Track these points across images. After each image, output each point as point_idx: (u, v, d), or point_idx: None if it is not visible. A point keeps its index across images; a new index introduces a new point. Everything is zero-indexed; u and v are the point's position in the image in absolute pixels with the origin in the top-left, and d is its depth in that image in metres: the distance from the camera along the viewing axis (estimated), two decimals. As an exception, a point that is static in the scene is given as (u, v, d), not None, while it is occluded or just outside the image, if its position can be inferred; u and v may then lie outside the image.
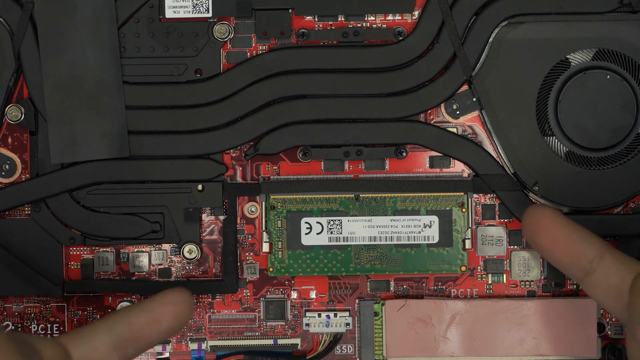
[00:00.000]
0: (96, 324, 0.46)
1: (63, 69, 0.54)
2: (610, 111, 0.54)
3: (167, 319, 0.46)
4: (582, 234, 0.48)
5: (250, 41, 0.55)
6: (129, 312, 0.46)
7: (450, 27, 0.54)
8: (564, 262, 0.48)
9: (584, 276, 0.48)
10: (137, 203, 0.55)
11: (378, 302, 0.56)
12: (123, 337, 0.45)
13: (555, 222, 0.48)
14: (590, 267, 0.47)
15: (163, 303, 0.46)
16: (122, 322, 0.46)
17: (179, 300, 0.46)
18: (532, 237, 0.49)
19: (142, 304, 0.46)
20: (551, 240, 0.48)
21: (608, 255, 0.47)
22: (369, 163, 0.56)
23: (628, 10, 0.54)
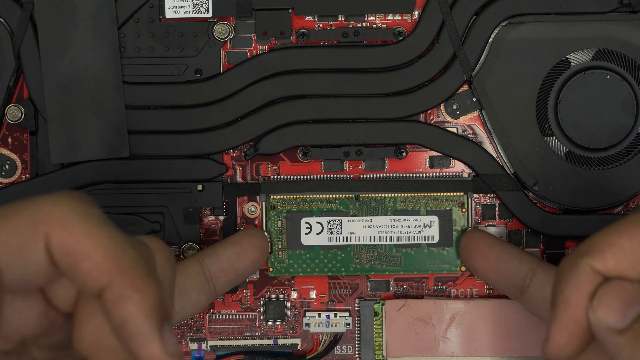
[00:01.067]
0: (187, 260, 0.48)
1: (63, 69, 0.54)
2: (610, 111, 0.54)
3: (252, 250, 0.50)
4: (513, 253, 0.50)
5: (250, 41, 0.55)
6: (216, 247, 0.49)
7: (450, 27, 0.54)
8: (499, 281, 0.50)
9: (520, 293, 0.49)
10: (137, 203, 0.55)
11: (378, 302, 0.56)
12: (213, 268, 0.48)
13: (486, 244, 0.51)
14: (524, 283, 0.49)
15: (247, 236, 0.50)
16: (211, 255, 0.49)
17: (260, 234, 0.51)
18: (467, 260, 0.52)
19: (227, 239, 0.50)
20: (484, 262, 0.51)
21: (540, 269, 0.49)
22: (369, 163, 0.56)
23: (628, 10, 0.54)
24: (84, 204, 0.35)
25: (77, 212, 0.35)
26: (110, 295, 0.34)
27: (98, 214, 0.35)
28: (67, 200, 0.35)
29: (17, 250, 0.34)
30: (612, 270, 0.40)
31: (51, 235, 0.34)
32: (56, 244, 0.34)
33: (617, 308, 0.39)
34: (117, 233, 0.35)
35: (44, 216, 0.34)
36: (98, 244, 0.35)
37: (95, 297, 0.35)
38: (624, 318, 0.38)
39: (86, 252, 0.34)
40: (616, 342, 0.38)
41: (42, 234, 0.34)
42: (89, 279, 0.34)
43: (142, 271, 0.35)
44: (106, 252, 0.35)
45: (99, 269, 0.34)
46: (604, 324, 0.39)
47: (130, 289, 0.34)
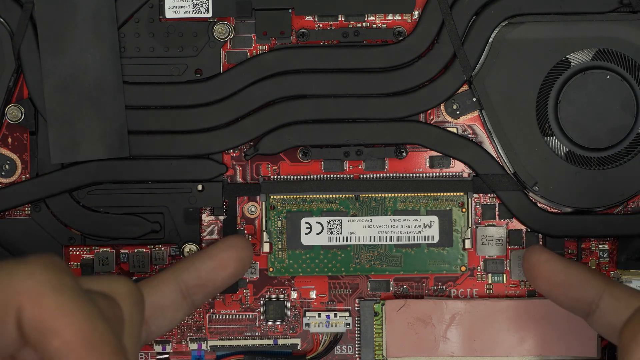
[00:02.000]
0: (162, 274, 0.47)
1: (63, 69, 0.54)
2: (610, 111, 0.54)
3: (231, 264, 0.47)
4: (580, 276, 0.48)
5: (250, 41, 0.55)
6: (193, 261, 0.47)
7: (450, 27, 0.54)
8: (565, 304, 0.49)
9: (587, 316, 0.48)
10: (137, 203, 0.55)
11: (378, 302, 0.56)
12: (190, 284, 0.46)
13: (552, 268, 0.48)
14: (591, 309, 0.47)
15: (226, 248, 0.47)
16: (188, 270, 0.47)
17: (241, 244, 0.48)
18: (532, 281, 0.49)
19: (205, 251, 0.47)
20: (549, 286, 0.48)
21: (607, 294, 0.47)
22: (369, 163, 0.56)
23: (628, 10, 0.54)
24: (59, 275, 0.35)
25: (50, 285, 0.34)
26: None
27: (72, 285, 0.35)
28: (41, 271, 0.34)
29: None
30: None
31: (23, 309, 0.34)
32: (27, 319, 0.34)
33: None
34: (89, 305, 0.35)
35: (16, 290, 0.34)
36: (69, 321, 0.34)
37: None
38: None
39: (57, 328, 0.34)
40: None
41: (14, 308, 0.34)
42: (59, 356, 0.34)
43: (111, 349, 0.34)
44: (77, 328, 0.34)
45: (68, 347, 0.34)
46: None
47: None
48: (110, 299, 0.37)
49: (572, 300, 0.48)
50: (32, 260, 0.35)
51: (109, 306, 0.37)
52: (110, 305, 0.37)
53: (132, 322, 0.38)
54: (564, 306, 0.49)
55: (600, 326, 0.47)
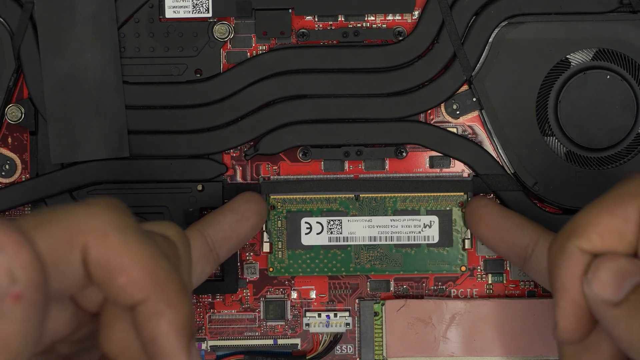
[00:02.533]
0: (189, 230, 0.49)
1: (63, 69, 0.54)
2: (610, 111, 0.54)
3: (252, 215, 0.51)
4: (517, 222, 0.50)
5: (250, 41, 0.55)
6: (215, 216, 0.50)
7: (450, 27, 0.54)
8: (502, 250, 0.51)
9: (523, 263, 0.50)
10: (137, 203, 0.55)
11: (378, 302, 0.56)
12: (215, 237, 0.49)
13: (490, 213, 0.51)
14: (526, 253, 0.50)
15: (245, 202, 0.51)
16: (212, 224, 0.49)
17: (257, 198, 0.52)
18: (472, 227, 0.52)
19: (225, 206, 0.51)
20: (487, 231, 0.51)
21: (542, 240, 0.49)
22: (369, 163, 0.56)
23: (628, 10, 0.54)
24: (122, 216, 0.35)
25: (115, 225, 0.35)
26: (143, 311, 0.35)
27: (134, 226, 0.35)
28: (105, 212, 0.35)
29: (54, 261, 0.34)
30: (599, 248, 0.40)
31: (88, 248, 0.34)
32: (93, 257, 0.34)
33: (611, 281, 0.39)
34: (153, 244, 0.35)
35: (82, 228, 0.34)
36: (135, 259, 0.35)
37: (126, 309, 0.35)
38: (619, 291, 0.39)
39: (123, 266, 0.34)
40: (612, 315, 0.39)
41: (79, 247, 0.34)
42: (124, 293, 0.35)
43: (177, 287, 0.35)
44: (142, 267, 0.35)
45: (134, 284, 0.35)
46: (599, 298, 0.39)
47: (164, 305, 0.35)
48: (167, 239, 0.38)
49: (509, 244, 0.50)
50: (96, 202, 0.35)
51: (168, 246, 0.38)
52: (169, 244, 0.38)
53: (185, 261, 0.39)
54: (501, 252, 0.51)
55: (535, 272, 0.49)
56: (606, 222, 0.40)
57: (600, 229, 0.40)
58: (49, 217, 0.35)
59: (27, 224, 0.34)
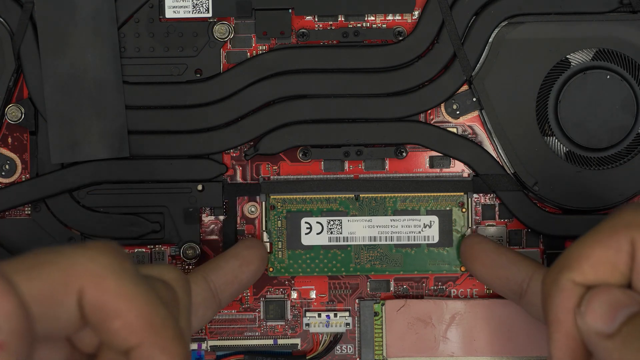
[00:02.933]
0: (191, 274, 0.49)
1: (63, 69, 0.54)
2: (610, 111, 0.54)
3: (254, 261, 0.51)
4: (511, 258, 0.51)
5: (250, 41, 0.55)
6: (218, 261, 0.50)
7: (450, 27, 0.54)
8: (497, 286, 0.51)
9: (519, 298, 0.50)
10: (137, 203, 0.55)
11: (378, 302, 0.56)
12: (218, 282, 0.49)
13: (483, 251, 0.51)
14: (522, 289, 0.50)
15: (247, 247, 0.51)
16: (214, 270, 0.50)
17: (259, 243, 0.53)
18: (467, 264, 0.53)
19: (228, 252, 0.51)
20: (482, 268, 0.51)
21: (536, 275, 0.49)
22: (369, 163, 0.56)
23: (628, 10, 0.54)
24: (119, 260, 0.35)
25: (112, 269, 0.35)
26: (138, 356, 0.35)
27: (132, 270, 0.36)
28: (102, 255, 0.35)
29: (50, 303, 0.34)
30: (592, 280, 0.40)
31: (84, 291, 0.35)
32: (89, 300, 0.35)
33: (604, 313, 0.39)
34: (150, 289, 0.36)
35: (79, 271, 0.35)
36: (131, 303, 0.35)
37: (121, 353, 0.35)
38: (612, 322, 0.39)
39: (118, 311, 0.35)
40: (605, 347, 0.39)
41: (76, 289, 0.35)
42: (119, 337, 0.35)
43: (172, 333, 0.35)
44: (138, 312, 0.35)
45: (129, 329, 0.35)
46: (592, 330, 0.39)
47: (159, 351, 0.35)
48: (166, 283, 0.38)
49: (504, 280, 0.50)
50: (93, 245, 0.36)
51: (167, 290, 0.38)
52: (167, 289, 0.38)
53: (184, 306, 0.39)
54: (496, 288, 0.51)
55: (531, 306, 0.49)
56: (599, 254, 0.40)
57: (592, 261, 0.40)
58: (46, 259, 0.35)
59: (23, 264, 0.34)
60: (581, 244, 0.41)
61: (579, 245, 0.41)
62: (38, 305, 0.33)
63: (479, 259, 0.51)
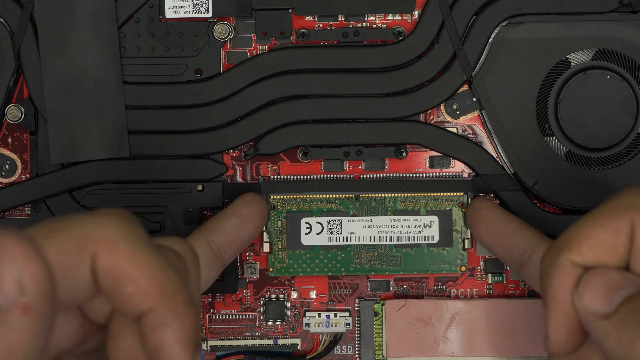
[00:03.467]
0: (192, 237, 0.49)
1: (63, 69, 0.54)
2: (610, 111, 0.54)
3: (254, 217, 0.51)
4: (516, 227, 0.51)
5: (250, 41, 0.55)
6: (218, 221, 0.50)
7: (450, 27, 0.54)
8: (500, 253, 0.51)
9: (519, 267, 0.50)
10: (137, 203, 0.55)
11: (378, 302, 0.56)
12: (220, 242, 0.50)
13: (491, 216, 0.52)
14: (523, 259, 0.50)
15: (246, 204, 0.51)
16: (215, 230, 0.50)
17: (258, 199, 0.52)
18: (472, 228, 0.53)
19: (226, 210, 0.51)
20: (487, 233, 0.52)
21: (539, 247, 0.50)
22: (369, 163, 0.56)
23: (628, 10, 0.54)
24: (131, 226, 0.36)
25: (124, 235, 0.35)
26: (150, 321, 0.35)
27: (144, 237, 0.36)
28: (114, 222, 0.35)
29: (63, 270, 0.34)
30: (591, 261, 0.40)
31: (97, 257, 0.35)
32: (102, 266, 0.35)
33: (601, 293, 0.39)
34: (161, 256, 0.36)
35: (92, 238, 0.35)
36: (143, 269, 0.35)
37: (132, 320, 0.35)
38: (609, 303, 0.39)
39: (131, 276, 0.35)
40: (602, 327, 0.39)
41: (89, 256, 0.35)
42: (131, 303, 0.35)
43: (184, 298, 0.35)
44: (151, 277, 0.35)
45: (142, 294, 0.35)
46: (590, 310, 0.39)
47: (171, 316, 0.35)
48: (177, 253, 0.38)
49: (507, 248, 0.51)
50: (106, 212, 0.36)
51: (177, 259, 0.38)
52: (178, 258, 0.38)
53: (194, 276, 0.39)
54: (499, 255, 0.52)
55: (531, 277, 0.50)
56: (598, 235, 0.40)
57: (592, 242, 0.40)
58: (59, 226, 0.35)
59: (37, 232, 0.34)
60: (581, 225, 0.41)
61: (578, 226, 0.41)
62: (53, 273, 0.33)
63: (484, 224, 0.52)
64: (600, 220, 0.40)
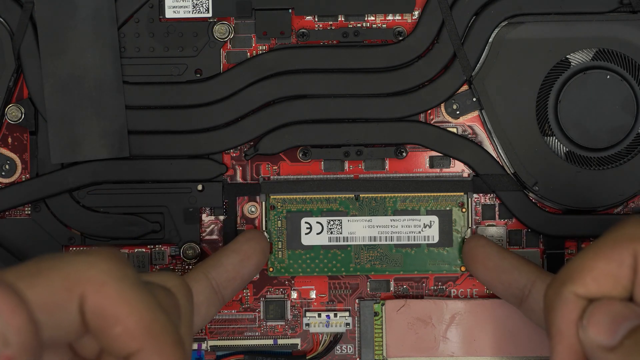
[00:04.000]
0: (193, 273, 0.49)
1: (63, 69, 0.54)
2: (610, 111, 0.54)
3: (255, 255, 0.51)
4: (514, 263, 0.51)
5: (250, 41, 0.55)
6: (219, 257, 0.50)
7: (450, 27, 0.54)
8: (499, 290, 0.51)
9: (520, 303, 0.50)
10: (137, 203, 0.55)
11: (378, 302, 0.56)
12: (220, 279, 0.50)
13: (488, 253, 0.52)
14: (523, 294, 0.50)
15: (247, 241, 0.51)
16: (215, 267, 0.50)
17: (259, 235, 0.52)
18: (469, 266, 0.53)
19: (227, 247, 0.51)
20: (483, 271, 0.52)
21: (539, 281, 0.49)
22: (369, 163, 0.56)
23: (628, 10, 0.54)
24: (120, 266, 0.36)
25: (113, 275, 0.35)
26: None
27: (133, 277, 0.36)
28: (103, 261, 0.35)
29: (52, 309, 0.34)
30: (595, 293, 0.40)
31: (85, 297, 0.35)
32: (90, 306, 0.35)
33: (606, 325, 0.39)
34: (150, 295, 0.36)
35: (80, 278, 0.35)
36: (131, 310, 0.35)
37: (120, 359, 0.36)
38: (613, 335, 0.39)
39: (119, 316, 0.35)
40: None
41: (77, 296, 0.35)
42: (119, 343, 0.35)
43: (171, 339, 0.36)
44: (139, 317, 0.35)
45: (130, 335, 0.35)
46: (595, 343, 0.39)
47: (158, 357, 0.35)
48: (167, 290, 0.38)
49: (505, 284, 0.50)
50: (95, 252, 0.36)
51: (167, 297, 0.38)
52: (168, 296, 0.38)
53: (186, 313, 0.39)
54: (498, 292, 0.52)
55: (532, 312, 0.50)
56: (601, 267, 0.40)
57: (595, 274, 0.40)
58: (48, 265, 0.35)
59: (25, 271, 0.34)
60: (584, 256, 0.41)
61: (581, 258, 0.41)
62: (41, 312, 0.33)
63: (481, 262, 0.52)
64: (603, 251, 0.40)
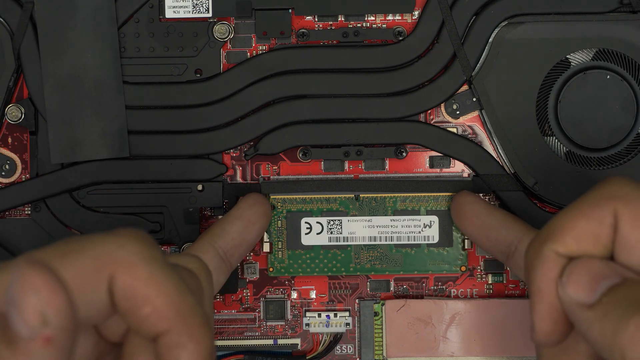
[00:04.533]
0: (199, 244, 0.50)
1: (63, 69, 0.54)
2: (610, 111, 0.54)
3: (258, 220, 0.52)
4: (501, 220, 0.51)
5: (250, 41, 0.55)
6: (223, 226, 0.51)
7: (450, 27, 0.54)
8: (486, 246, 0.52)
9: (506, 259, 0.51)
10: (137, 203, 0.55)
11: (378, 302, 0.56)
12: (226, 247, 0.50)
13: (476, 210, 0.52)
14: (510, 250, 0.50)
15: (249, 206, 0.52)
16: (220, 235, 0.51)
17: (261, 199, 0.53)
18: (456, 222, 0.53)
19: (231, 213, 0.52)
20: (471, 227, 0.52)
21: (526, 238, 0.50)
22: (369, 163, 0.56)
23: (628, 10, 0.54)
24: (148, 247, 0.36)
25: (142, 256, 0.35)
26: (166, 342, 0.35)
27: (161, 258, 0.36)
28: (132, 242, 0.36)
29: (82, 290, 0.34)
30: (575, 252, 0.40)
31: (115, 278, 0.35)
32: (119, 286, 0.35)
33: (585, 283, 0.39)
34: (178, 277, 0.36)
35: (109, 259, 0.35)
36: (160, 290, 0.35)
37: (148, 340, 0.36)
38: (592, 293, 0.39)
39: (148, 297, 0.35)
40: (586, 317, 0.39)
41: (106, 276, 0.35)
42: (148, 324, 0.35)
43: (200, 320, 0.36)
44: (167, 298, 0.35)
45: (158, 315, 0.35)
46: (573, 300, 0.39)
47: (187, 337, 0.35)
48: (190, 272, 0.39)
49: (493, 241, 0.51)
50: (123, 233, 0.36)
51: (192, 279, 0.38)
52: (192, 277, 0.38)
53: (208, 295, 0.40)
54: (485, 248, 0.52)
55: (518, 268, 0.50)
56: (582, 225, 0.40)
57: (575, 232, 0.40)
58: (77, 246, 0.35)
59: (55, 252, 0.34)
60: (564, 215, 0.41)
61: (562, 217, 0.41)
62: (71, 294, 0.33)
63: (469, 219, 0.52)
64: (583, 210, 0.40)
